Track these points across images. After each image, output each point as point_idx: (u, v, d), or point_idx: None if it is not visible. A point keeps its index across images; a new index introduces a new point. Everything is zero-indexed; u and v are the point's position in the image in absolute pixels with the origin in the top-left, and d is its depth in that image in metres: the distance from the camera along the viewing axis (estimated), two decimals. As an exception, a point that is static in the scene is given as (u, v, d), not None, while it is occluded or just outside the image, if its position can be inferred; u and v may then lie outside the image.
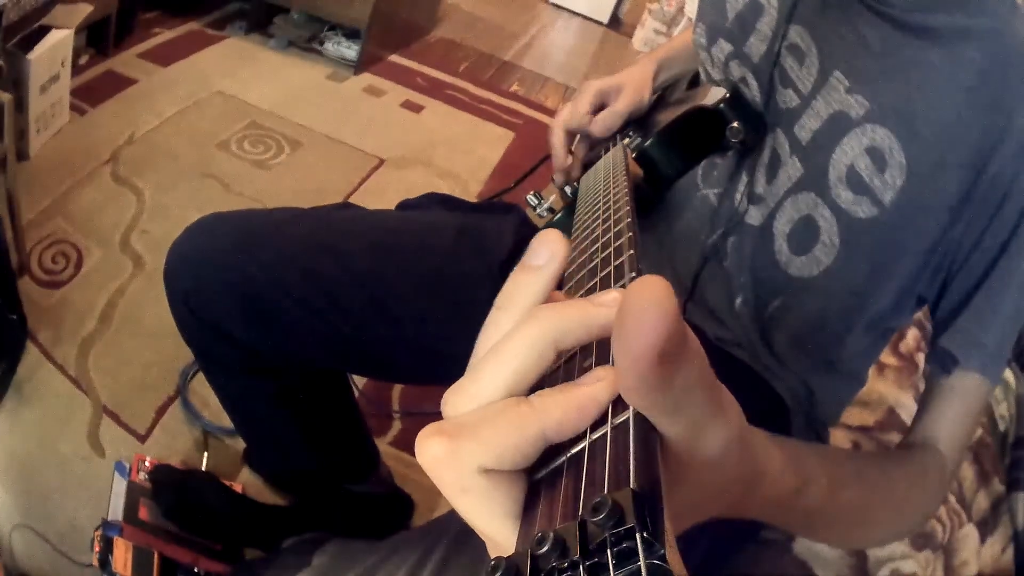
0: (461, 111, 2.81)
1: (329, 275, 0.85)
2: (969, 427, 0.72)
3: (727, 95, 0.77)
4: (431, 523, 0.72)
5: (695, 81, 0.90)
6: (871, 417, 1.11)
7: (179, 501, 1.15)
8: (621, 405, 0.26)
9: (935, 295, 0.73)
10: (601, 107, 0.93)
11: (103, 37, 2.26)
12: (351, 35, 2.78)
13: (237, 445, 1.34)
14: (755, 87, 0.78)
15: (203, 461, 1.30)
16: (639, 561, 0.20)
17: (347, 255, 0.87)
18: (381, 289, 0.86)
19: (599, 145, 0.93)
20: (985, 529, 0.99)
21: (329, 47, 2.77)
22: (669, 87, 0.98)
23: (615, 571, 0.20)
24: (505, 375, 0.28)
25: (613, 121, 0.90)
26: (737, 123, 0.76)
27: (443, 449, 0.26)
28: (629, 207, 0.49)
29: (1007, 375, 1.11)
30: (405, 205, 1.03)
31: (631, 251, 0.38)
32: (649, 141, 0.80)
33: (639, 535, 0.20)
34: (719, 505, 0.34)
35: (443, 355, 0.88)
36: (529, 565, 0.22)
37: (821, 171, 0.71)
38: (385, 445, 1.46)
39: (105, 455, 1.26)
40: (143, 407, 1.37)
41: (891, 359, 1.16)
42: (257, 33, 2.77)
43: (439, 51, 3.25)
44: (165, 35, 2.57)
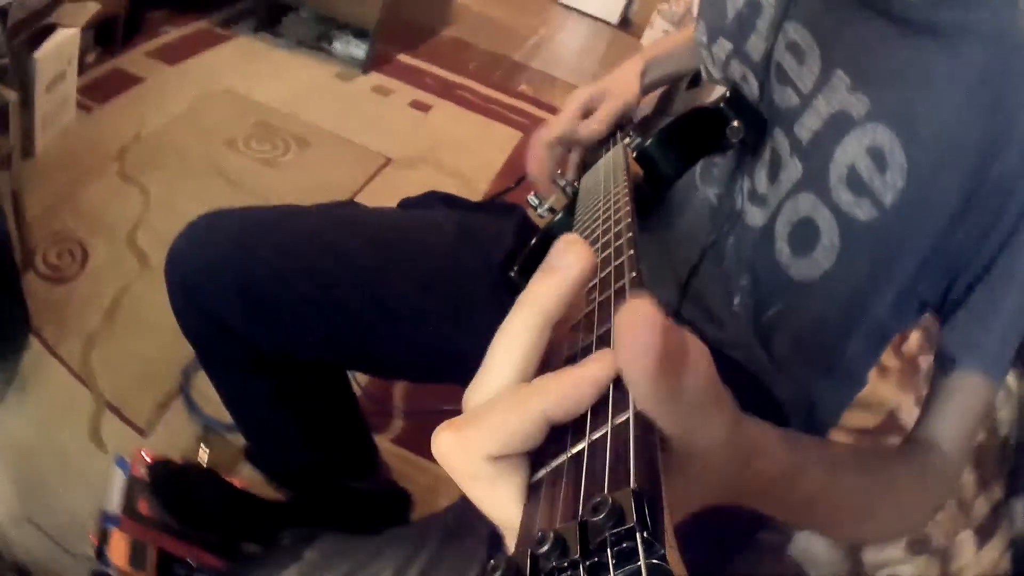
0: (469, 111, 2.81)
1: (329, 272, 0.86)
2: (972, 426, 0.71)
3: (727, 94, 0.77)
4: (422, 520, 0.72)
5: (695, 81, 0.90)
6: (872, 420, 1.11)
7: (178, 495, 1.15)
8: (621, 405, 0.26)
9: (939, 298, 0.72)
10: (589, 113, 0.95)
11: (111, 35, 2.28)
12: (360, 34, 2.79)
13: (237, 441, 1.35)
14: (755, 86, 0.78)
15: (203, 456, 1.31)
16: (639, 561, 0.20)
17: (348, 252, 0.87)
18: (381, 286, 0.87)
19: (599, 145, 0.93)
20: (983, 534, 0.98)
21: (338, 46, 2.78)
22: (670, 90, 0.97)
23: (615, 571, 0.20)
24: (513, 360, 0.30)
25: (598, 124, 0.93)
26: (737, 122, 0.75)
27: (452, 440, 0.28)
28: (629, 207, 0.49)
29: (1008, 379, 1.10)
30: (406, 203, 1.04)
31: (631, 251, 0.38)
32: (649, 141, 0.80)
33: (639, 535, 0.20)
34: (716, 490, 0.35)
35: (443, 353, 0.89)
36: (529, 565, 0.22)
37: (821, 171, 0.70)
38: (386, 443, 1.46)
39: (106, 449, 1.27)
40: (145, 402, 1.37)
41: (893, 361, 1.15)
42: (266, 32, 2.78)
43: (448, 51, 3.26)
44: (173, 33, 2.58)
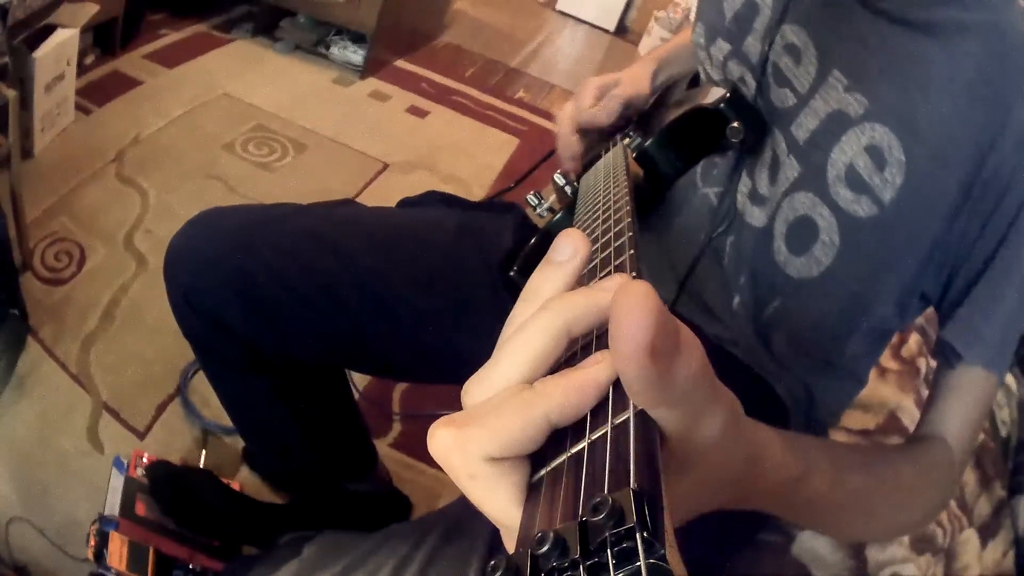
0: (466, 117, 2.81)
1: (328, 271, 0.85)
2: (976, 422, 0.71)
3: (727, 94, 0.77)
4: (422, 518, 0.72)
5: (695, 81, 0.90)
6: (872, 421, 1.11)
7: (176, 497, 1.15)
8: (621, 405, 0.26)
9: (939, 292, 0.72)
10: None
11: (109, 37, 2.28)
12: (357, 40, 2.79)
13: (236, 444, 1.34)
14: (753, 87, 0.78)
15: (201, 459, 1.30)
16: (639, 561, 0.20)
17: (347, 251, 0.87)
18: (380, 286, 0.86)
19: (599, 145, 0.93)
20: (986, 533, 0.98)
21: (335, 51, 2.78)
22: (669, 88, 0.98)
23: (615, 571, 0.20)
24: (522, 362, 0.29)
25: (612, 105, 0.91)
26: (737, 123, 0.76)
27: (451, 438, 0.27)
28: (629, 207, 0.49)
29: (1009, 380, 1.10)
30: (406, 203, 1.04)
31: (631, 251, 0.39)
32: (649, 141, 0.80)
33: (639, 535, 0.20)
34: (721, 494, 0.35)
35: (442, 352, 0.89)
36: (529, 565, 0.22)
37: (819, 170, 0.70)
38: (385, 447, 1.45)
39: (104, 451, 1.27)
40: (143, 404, 1.37)
41: (892, 363, 1.15)
42: (264, 36, 2.78)
43: (445, 57, 3.26)
44: (171, 37, 2.59)
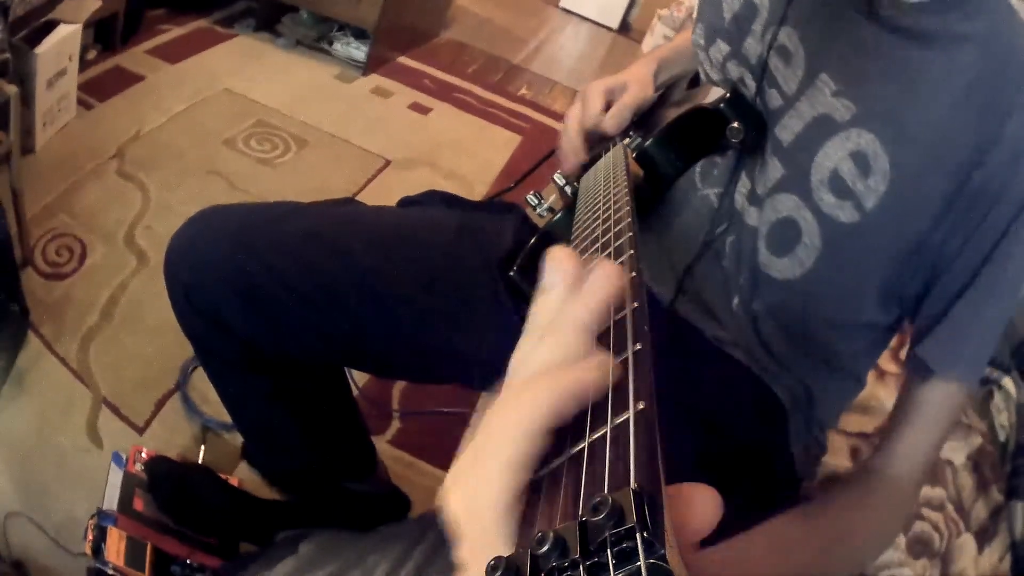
0: (468, 114, 2.81)
1: (328, 270, 0.85)
2: (941, 436, 0.72)
3: (727, 94, 0.77)
4: (420, 516, 0.72)
5: (695, 81, 0.90)
6: (870, 423, 1.10)
7: (175, 493, 1.15)
8: (621, 405, 0.26)
9: (915, 300, 0.72)
10: (609, 106, 0.93)
11: (111, 33, 2.28)
12: (359, 36, 2.79)
13: (235, 440, 1.35)
14: (752, 88, 0.78)
15: (200, 455, 1.31)
16: (639, 561, 0.20)
17: (347, 251, 0.87)
18: (380, 285, 0.86)
19: (599, 145, 0.93)
20: (983, 538, 0.98)
21: (337, 47, 2.78)
22: (669, 88, 0.97)
23: (615, 571, 0.20)
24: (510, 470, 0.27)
25: (623, 115, 0.91)
26: (737, 123, 0.76)
27: (462, 505, 0.28)
28: (629, 207, 0.49)
29: (1007, 384, 1.10)
30: (406, 201, 1.03)
31: (631, 251, 0.39)
32: (649, 141, 0.80)
33: (639, 535, 0.20)
34: None
35: (441, 352, 0.89)
36: (529, 565, 0.22)
37: (803, 173, 0.70)
38: (384, 444, 1.46)
39: (103, 447, 1.27)
40: (143, 400, 1.37)
41: (892, 366, 1.15)
42: (265, 32, 2.78)
43: (447, 54, 3.26)
44: (173, 32, 2.59)
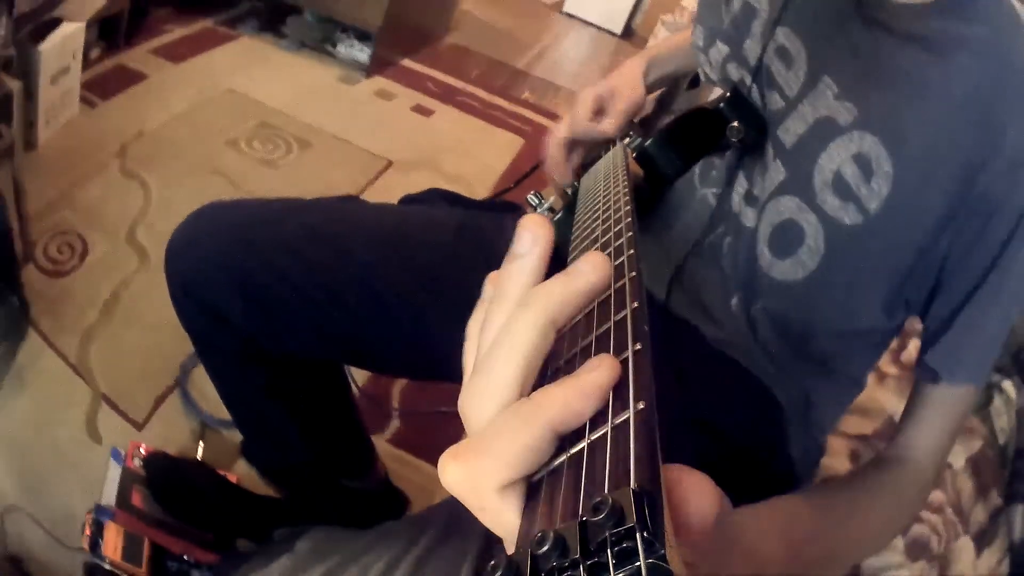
0: (471, 116, 2.82)
1: (329, 266, 0.86)
2: (953, 432, 0.72)
3: (727, 94, 0.77)
4: (418, 514, 0.72)
5: (695, 81, 0.90)
6: (870, 426, 1.10)
7: (172, 489, 1.15)
8: (621, 405, 0.26)
9: (923, 303, 0.72)
10: (600, 112, 0.95)
11: (115, 32, 2.28)
12: (363, 38, 2.79)
13: (234, 437, 1.34)
14: (752, 89, 0.78)
15: (199, 451, 1.31)
16: (639, 561, 0.20)
17: (347, 248, 0.87)
18: (380, 283, 0.87)
19: (599, 145, 0.93)
20: (982, 541, 0.98)
21: (341, 49, 2.78)
22: (670, 91, 0.98)
23: (615, 571, 0.20)
24: (514, 366, 0.29)
25: (621, 120, 0.94)
26: (737, 123, 0.76)
27: (461, 475, 0.27)
28: (629, 207, 0.49)
29: (1007, 387, 1.10)
30: (408, 199, 1.04)
31: (631, 251, 0.39)
32: (649, 141, 0.80)
33: (639, 535, 0.20)
34: None
35: (441, 350, 0.88)
36: (529, 565, 0.22)
37: (806, 176, 0.70)
38: (383, 443, 1.46)
39: (102, 442, 1.27)
40: (142, 396, 1.37)
41: (892, 368, 1.15)
42: (269, 33, 2.78)
43: (451, 57, 3.27)
44: (177, 32, 2.59)
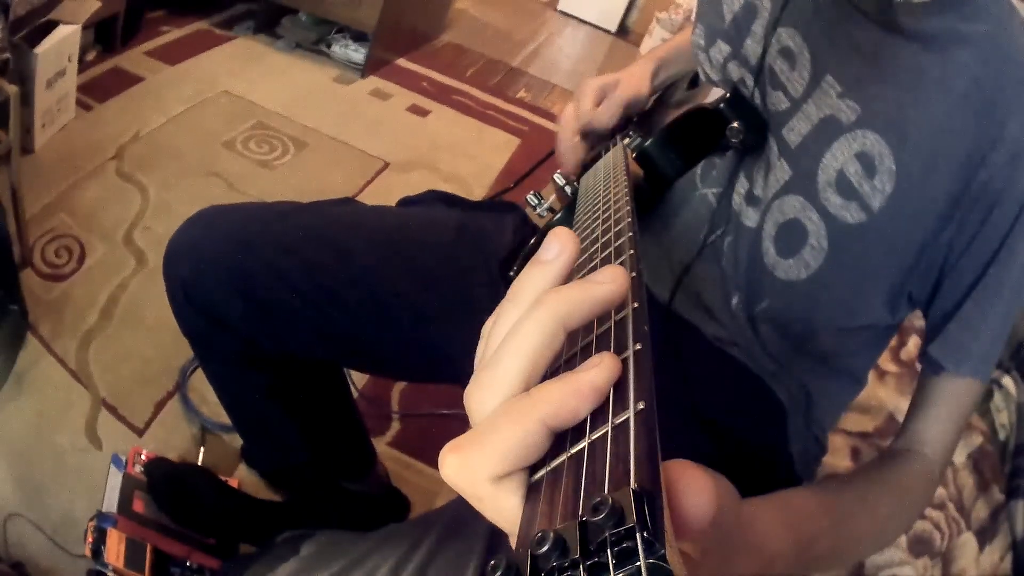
0: (467, 116, 2.81)
1: (328, 269, 0.85)
2: (959, 426, 0.72)
3: (727, 94, 0.77)
4: (420, 517, 0.72)
5: (695, 81, 0.90)
6: (871, 423, 1.11)
7: (174, 494, 1.15)
8: (621, 405, 0.26)
9: (927, 297, 0.72)
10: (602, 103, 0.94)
11: (110, 34, 2.28)
12: (358, 38, 2.79)
13: (234, 441, 1.34)
14: (752, 89, 0.78)
15: (200, 456, 1.30)
16: (639, 561, 0.20)
17: (346, 250, 0.87)
18: (379, 285, 0.86)
19: (599, 145, 0.93)
20: (984, 537, 0.98)
21: (336, 49, 2.78)
22: (669, 88, 0.97)
23: (615, 571, 0.20)
24: (521, 361, 0.29)
25: (613, 109, 0.92)
26: (737, 123, 0.76)
27: (457, 464, 0.28)
28: (629, 207, 0.49)
29: (1007, 383, 1.10)
30: (406, 201, 1.03)
31: (631, 251, 0.39)
32: (649, 141, 0.80)
33: (639, 535, 0.20)
34: None
35: (440, 351, 0.88)
36: (529, 565, 0.22)
37: (810, 175, 0.70)
38: (383, 445, 1.45)
39: (102, 447, 1.27)
40: (142, 401, 1.37)
41: (892, 366, 1.15)
42: (265, 34, 2.78)
43: (446, 56, 3.26)
44: (173, 34, 2.59)
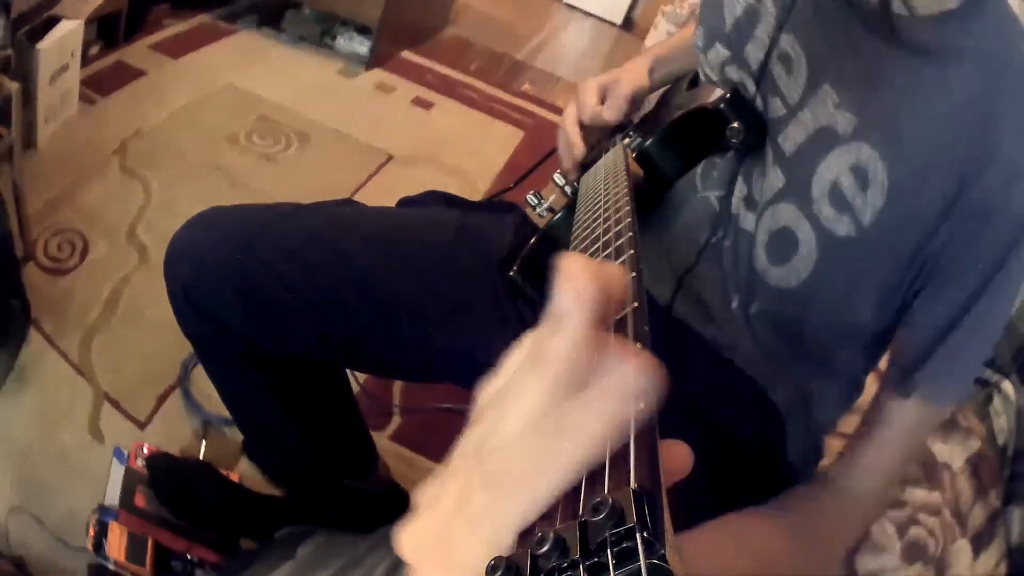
0: (471, 109, 2.80)
1: (328, 270, 0.86)
2: (908, 452, 0.73)
3: (727, 95, 0.77)
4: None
5: (695, 81, 0.90)
6: (869, 425, 1.10)
7: (175, 489, 1.15)
8: None
9: (914, 306, 0.71)
10: (604, 100, 0.96)
11: (113, 29, 2.27)
12: (363, 31, 2.78)
13: (236, 436, 1.35)
14: (752, 92, 0.78)
15: (202, 450, 1.31)
16: (639, 561, 0.20)
17: (347, 251, 0.87)
18: (380, 286, 0.87)
19: (599, 144, 0.93)
20: (979, 543, 0.98)
21: (340, 42, 2.77)
22: (671, 89, 0.97)
23: (615, 571, 0.20)
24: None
25: (619, 102, 0.95)
26: (737, 123, 0.75)
27: None
28: (629, 207, 0.49)
29: (1007, 387, 1.09)
30: (406, 202, 1.04)
31: (631, 251, 0.39)
32: (650, 141, 0.80)
33: (639, 535, 0.20)
34: None
35: (441, 352, 0.89)
36: (529, 565, 0.22)
37: (804, 184, 0.70)
38: (384, 440, 1.46)
39: (105, 442, 1.27)
40: (144, 396, 1.38)
41: (891, 368, 1.15)
42: (268, 27, 2.77)
43: (451, 49, 3.25)
44: (176, 28, 2.58)
